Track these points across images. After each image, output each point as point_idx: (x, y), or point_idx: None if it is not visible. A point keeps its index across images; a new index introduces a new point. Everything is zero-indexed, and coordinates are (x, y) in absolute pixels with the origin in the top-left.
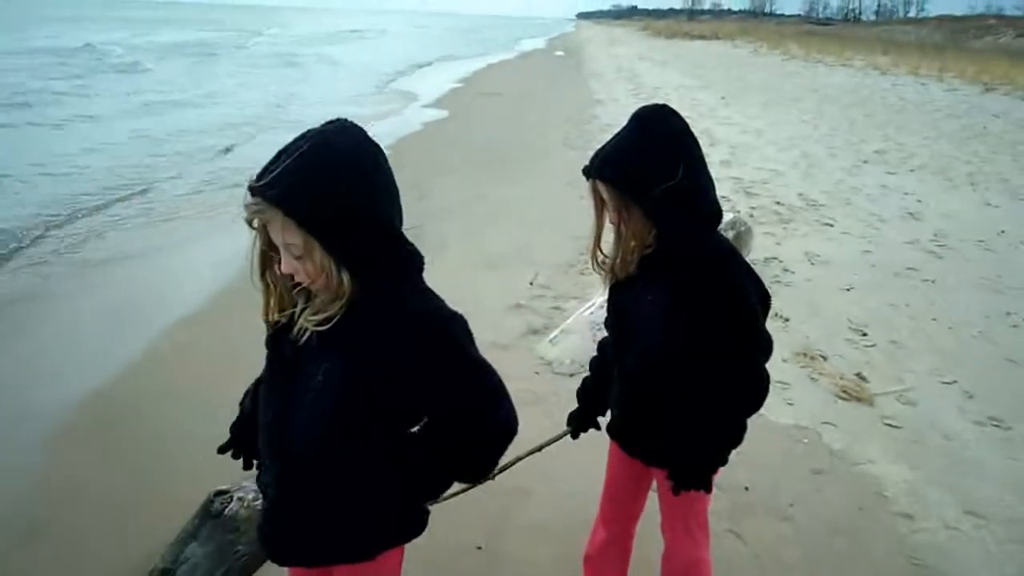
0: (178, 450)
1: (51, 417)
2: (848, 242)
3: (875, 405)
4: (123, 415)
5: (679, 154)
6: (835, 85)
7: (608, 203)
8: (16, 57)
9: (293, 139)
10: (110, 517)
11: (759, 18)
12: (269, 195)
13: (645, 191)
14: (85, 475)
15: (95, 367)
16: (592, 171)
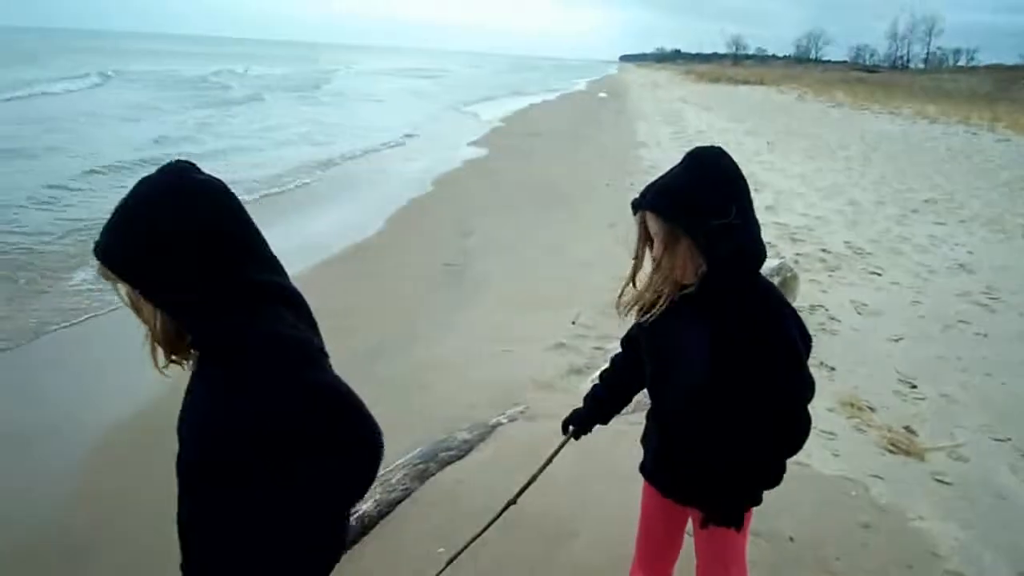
0: None
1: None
2: (897, 292)
3: (925, 460)
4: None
5: (733, 193)
6: (882, 133)
7: (656, 235)
8: (164, 88)
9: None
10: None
11: (804, 64)
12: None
13: (698, 225)
14: (137, 488)
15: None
16: (644, 203)
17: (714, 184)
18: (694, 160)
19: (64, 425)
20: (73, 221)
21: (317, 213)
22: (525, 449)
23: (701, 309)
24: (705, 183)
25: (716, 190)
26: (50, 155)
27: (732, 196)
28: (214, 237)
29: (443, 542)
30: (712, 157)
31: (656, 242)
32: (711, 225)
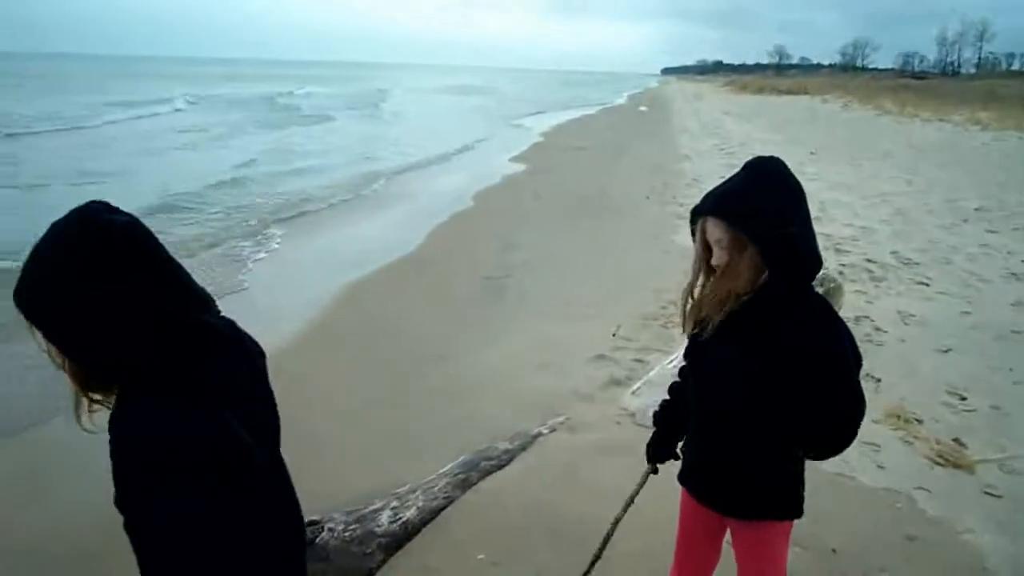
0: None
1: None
2: (946, 302)
3: (975, 472)
4: None
5: (794, 202)
6: (931, 141)
7: (720, 242)
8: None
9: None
10: None
11: (850, 72)
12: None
13: (763, 232)
14: None
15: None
16: (706, 209)
17: (776, 192)
18: (755, 168)
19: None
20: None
21: (365, 225)
22: (565, 459)
23: (757, 319)
24: (768, 190)
25: (778, 198)
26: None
27: (793, 204)
28: (117, 282)
29: (483, 549)
30: (773, 165)
31: (718, 250)
32: (775, 232)
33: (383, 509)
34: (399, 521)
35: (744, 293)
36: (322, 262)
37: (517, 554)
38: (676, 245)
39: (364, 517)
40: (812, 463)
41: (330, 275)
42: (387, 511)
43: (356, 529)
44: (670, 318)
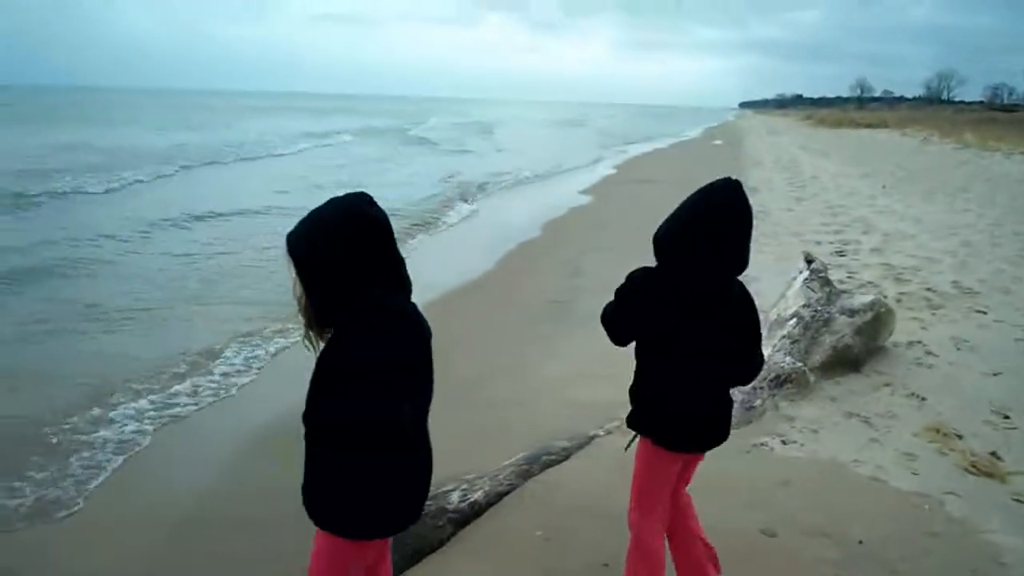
0: None
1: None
2: (1001, 329)
3: (1007, 482)
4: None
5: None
6: (1009, 174)
7: None
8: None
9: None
10: None
11: (935, 105)
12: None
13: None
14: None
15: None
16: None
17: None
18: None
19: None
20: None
21: (442, 252)
22: (618, 457)
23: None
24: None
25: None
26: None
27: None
28: (362, 249)
29: (540, 527)
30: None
31: None
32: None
33: (454, 490)
34: (467, 501)
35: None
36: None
37: (570, 533)
38: None
39: (437, 496)
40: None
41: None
42: (457, 492)
43: (430, 505)
44: None
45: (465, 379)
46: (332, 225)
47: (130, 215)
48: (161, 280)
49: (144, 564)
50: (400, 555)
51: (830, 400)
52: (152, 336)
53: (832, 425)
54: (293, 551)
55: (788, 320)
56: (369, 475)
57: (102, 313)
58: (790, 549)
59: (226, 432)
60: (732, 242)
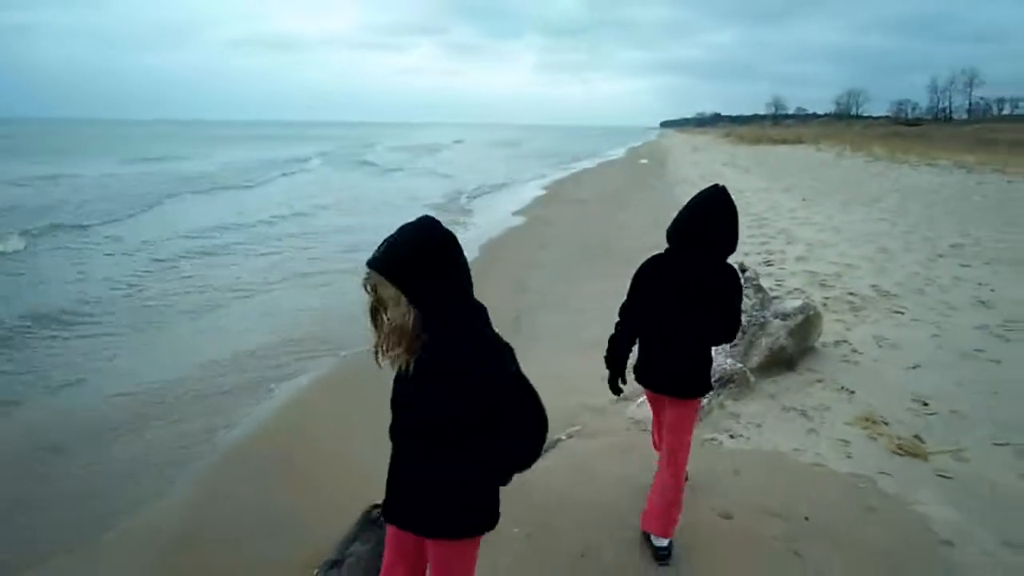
0: (329, 473)
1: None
2: (918, 327)
3: (929, 461)
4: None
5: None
6: (917, 184)
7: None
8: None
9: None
10: (288, 524)
11: (845, 120)
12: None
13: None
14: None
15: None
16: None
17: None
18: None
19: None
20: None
21: None
22: (582, 458)
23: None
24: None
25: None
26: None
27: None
28: (450, 262)
29: (518, 525)
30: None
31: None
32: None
33: None
34: None
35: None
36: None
37: (546, 528)
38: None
39: None
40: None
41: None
42: None
43: None
44: None
45: None
46: (425, 244)
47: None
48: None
49: None
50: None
51: (770, 397)
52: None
53: (773, 419)
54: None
55: None
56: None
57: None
58: (745, 528)
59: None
60: (711, 234)
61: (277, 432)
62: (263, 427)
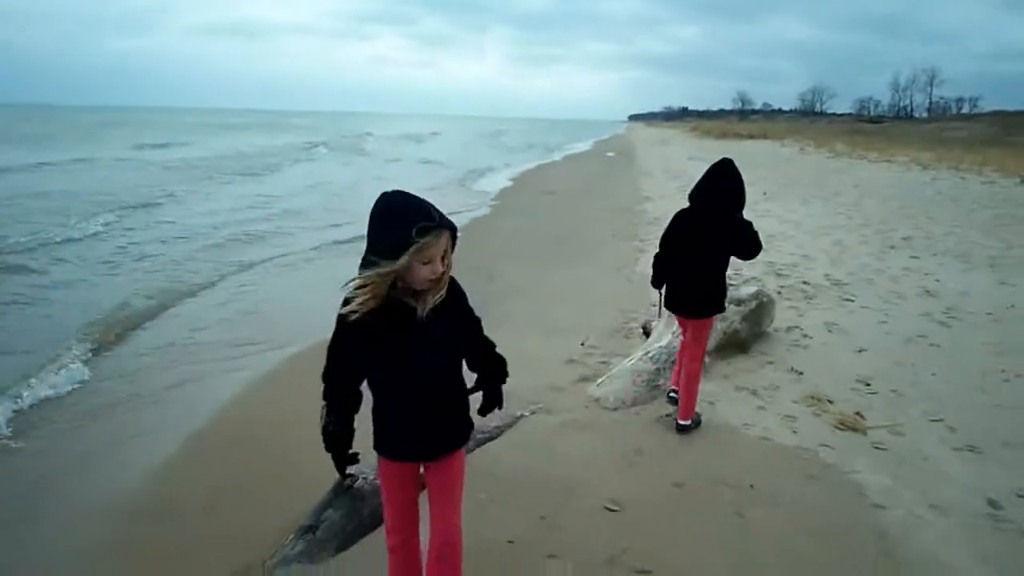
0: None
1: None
2: (866, 315)
3: (868, 435)
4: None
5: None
6: (876, 180)
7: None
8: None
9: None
10: (262, 494)
11: (810, 117)
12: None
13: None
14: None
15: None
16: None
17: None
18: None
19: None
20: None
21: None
22: (544, 434)
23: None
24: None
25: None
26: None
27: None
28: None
29: (483, 491)
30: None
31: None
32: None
33: None
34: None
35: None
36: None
37: (509, 494)
38: (637, 274)
39: None
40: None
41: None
42: None
43: None
44: (631, 330)
45: None
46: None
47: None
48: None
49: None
50: (358, 523)
51: (723, 377)
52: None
53: (726, 397)
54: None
55: None
56: None
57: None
58: (694, 494)
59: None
60: (718, 194)
61: (247, 409)
62: (233, 405)
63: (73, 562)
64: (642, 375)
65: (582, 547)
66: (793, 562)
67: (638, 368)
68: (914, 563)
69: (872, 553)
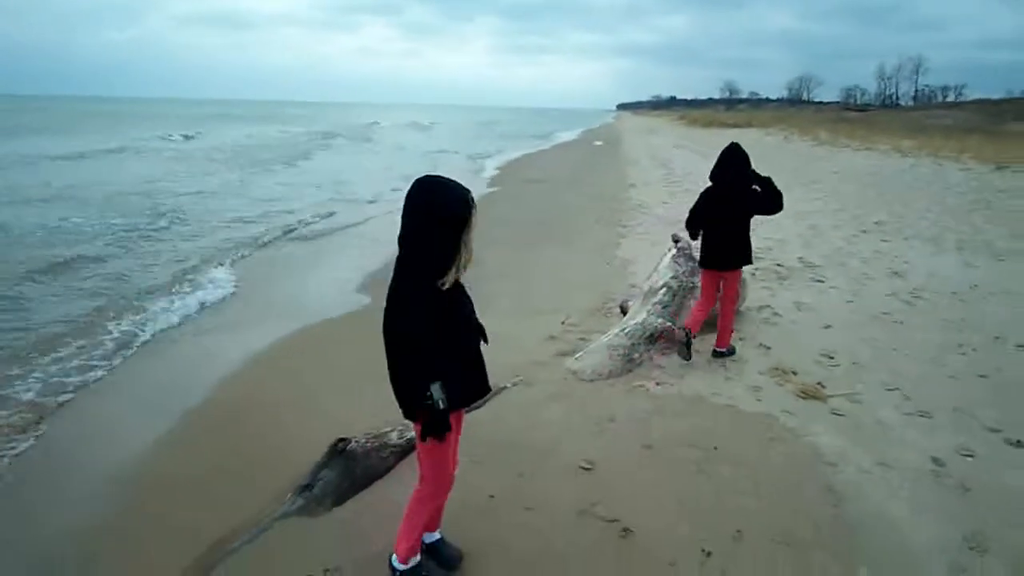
0: (294, 418)
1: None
2: (835, 294)
3: (827, 402)
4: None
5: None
6: (855, 167)
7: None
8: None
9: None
10: (262, 459)
11: (797, 106)
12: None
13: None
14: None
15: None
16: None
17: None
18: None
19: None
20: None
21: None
22: (525, 403)
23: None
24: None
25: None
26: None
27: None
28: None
29: (467, 455)
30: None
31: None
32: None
33: (392, 431)
34: (405, 438)
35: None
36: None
37: (492, 457)
38: (618, 258)
39: (379, 435)
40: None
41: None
42: (395, 432)
43: (374, 442)
44: (610, 309)
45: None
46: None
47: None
48: None
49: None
50: (351, 481)
51: (696, 352)
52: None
53: (696, 369)
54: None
55: (659, 289)
56: None
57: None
58: (663, 455)
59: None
60: (734, 170)
61: (244, 384)
62: (232, 381)
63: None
64: (618, 349)
65: (556, 501)
66: (751, 513)
67: (614, 343)
68: (859, 513)
69: (822, 505)
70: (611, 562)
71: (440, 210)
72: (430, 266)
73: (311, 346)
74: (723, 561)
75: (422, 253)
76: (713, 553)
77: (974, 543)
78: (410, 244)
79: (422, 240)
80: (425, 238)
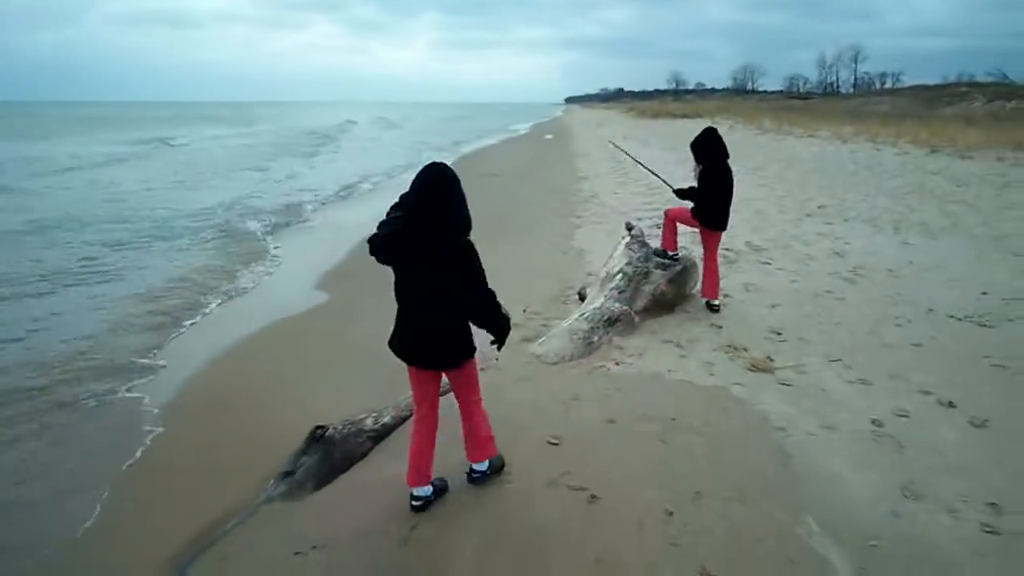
0: (273, 406)
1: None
2: (780, 275)
3: (775, 374)
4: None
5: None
6: (798, 154)
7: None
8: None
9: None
10: (243, 447)
11: (742, 95)
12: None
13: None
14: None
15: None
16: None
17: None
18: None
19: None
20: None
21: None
22: (492, 386)
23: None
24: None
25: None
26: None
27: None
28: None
29: (444, 433)
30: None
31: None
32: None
33: (367, 417)
34: (379, 424)
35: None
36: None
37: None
38: (573, 247)
39: (355, 421)
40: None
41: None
42: (370, 418)
43: (351, 428)
44: (568, 297)
45: (363, 344)
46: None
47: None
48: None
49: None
50: (330, 464)
51: (651, 333)
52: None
53: (653, 350)
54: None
55: (616, 275)
56: None
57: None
58: (624, 428)
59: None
60: (702, 151)
61: (219, 379)
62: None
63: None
64: (578, 334)
65: (527, 473)
66: (708, 475)
67: (574, 328)
68: (805, 470)
69: (772, 464)
70: (582, 524)
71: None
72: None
73: (279, 342)
74: (685, 517)
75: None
76: (675, 512)
77: (909, 492)
78: (464, 214)
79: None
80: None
